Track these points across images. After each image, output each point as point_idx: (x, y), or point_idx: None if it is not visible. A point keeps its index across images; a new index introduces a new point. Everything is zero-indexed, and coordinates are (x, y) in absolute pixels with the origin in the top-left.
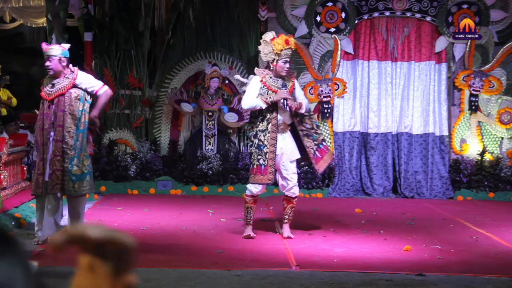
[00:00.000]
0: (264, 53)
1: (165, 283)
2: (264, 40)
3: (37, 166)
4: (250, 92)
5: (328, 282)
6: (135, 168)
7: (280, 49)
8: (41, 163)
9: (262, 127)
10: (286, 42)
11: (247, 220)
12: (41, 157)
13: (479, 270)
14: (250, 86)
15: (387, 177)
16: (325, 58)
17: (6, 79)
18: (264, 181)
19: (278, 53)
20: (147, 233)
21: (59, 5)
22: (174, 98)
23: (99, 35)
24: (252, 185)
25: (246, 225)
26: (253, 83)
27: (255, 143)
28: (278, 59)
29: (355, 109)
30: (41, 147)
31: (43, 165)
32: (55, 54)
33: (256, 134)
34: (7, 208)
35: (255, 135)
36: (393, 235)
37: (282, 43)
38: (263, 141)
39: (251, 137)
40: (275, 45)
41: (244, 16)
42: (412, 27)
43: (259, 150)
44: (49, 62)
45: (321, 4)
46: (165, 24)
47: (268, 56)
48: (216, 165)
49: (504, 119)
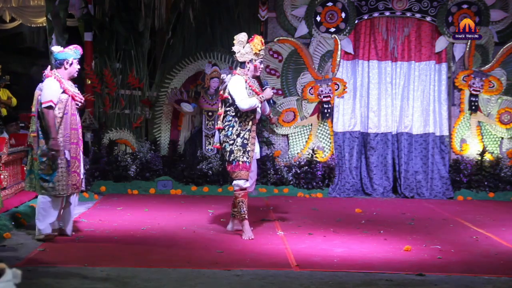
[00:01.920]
0: (241, 54)
1: (165, 283)
2: (239, 41)
3: (71, 165)
4: (242, 92)
5: (328, 282)
6: (135, 168)
7: (258, 49)
8: (77, 162)
9: (246, 126)
10: (262, 43)
11: (243, 215)
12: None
13: (479, 270)
14: (239, 87)
15: (387, 177)
16: (325, 58)
17: (6, 79)
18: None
19: (257, 53)
20: (147, 233)
21: (59, 5)
22: (174, 98)
23: (99, 35)
24: (240, 181)
25: (243, 220)
26: (241, 84)
27: (237, 142)
28: (256, 59)
29: (355, 109)
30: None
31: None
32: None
33: (239, 133)
34: (7, 208)
35: (238, 134)
36: (393, 235)
37: (259, 43)
38: (248, 139)
39: (232, 135)
40: (254, 45)
41: (244, 16)
42: (412, 27)
43: (243, 148)
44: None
45: (321, 4)
46: (165, 24)
47: (245, 56)
48: (216, 165)
49: (504, 119)
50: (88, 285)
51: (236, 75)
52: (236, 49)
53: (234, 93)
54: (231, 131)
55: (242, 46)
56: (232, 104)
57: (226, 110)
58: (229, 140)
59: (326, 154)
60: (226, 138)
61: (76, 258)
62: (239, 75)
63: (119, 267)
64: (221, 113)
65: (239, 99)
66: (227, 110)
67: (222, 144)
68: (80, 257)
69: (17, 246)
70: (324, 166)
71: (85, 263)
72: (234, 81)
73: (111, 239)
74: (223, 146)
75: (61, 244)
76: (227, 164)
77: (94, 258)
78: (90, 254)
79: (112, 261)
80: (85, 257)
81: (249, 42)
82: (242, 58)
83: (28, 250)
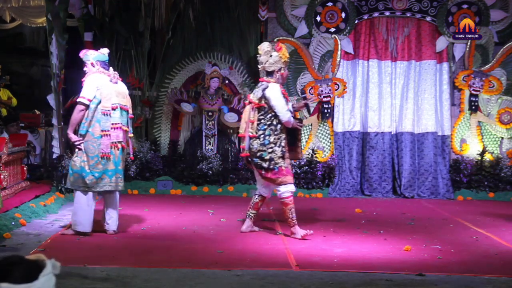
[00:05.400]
0: (269, 63)
1: (165, 283)
2: (266, 51)
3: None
4: (284, 103)
5: (328, 282)
6: (135, 168)
7: (287, 58)
8: None
9: (281, 134)
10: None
11: (295, 221)
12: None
13: (479, 270)
14: (281, 97)
15: (387, 177)
16: (325, 58)
17: (6, 79)
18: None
19: (286, 61)
20: (147, 233)
21: (59, 5)
22: (174, 98)
23: (99, 35)
24: (290, 185)
25: (295, 226)
26: (280, 93)
27: (276, 150)
28: (285, 68)
29: (355, 109)
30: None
31: None
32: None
33: (276, 142)
34: (7, 208)
35: (275, 143)
36: (393, 235)
37: (287, 52)
38: (284, 147)
39: (269, 144)
40: (284, 54)
41: (244, 16)
42: (412, 27)
43: (283, 155)
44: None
45: (321, 4)
46: (165, 24)
47: (274, 65)
48: (216, 165)
49: (504, 119)
50: (88, 285)
51: (272, 83)
52: (263, 59)
53: (277, 103)
54: (267, 139)
55: (269, 55)
56: (267, 113)
57: (260, 118)
58: (267, 149)
59: (326, 154)
60: (263, 147)
61: (76, 258)
62: (276, 83)
63: (119, 267)
64: (254, 121)
65: (284, 111)
66: (261, 118)
67: (255, 152)
68: (80, 257)
69: (17, 246)
70: (324, 166)
71: (85, 263)
72: (274, 91)
73: (111, 239)
74: (259, 155)
75: (61, 244)
76: (266, 172)
77: (94, 258)
78: (90, 254)
79: (112, 261)
80: (85, 257)
81: (276, 51)
82: (272, 68)
83: (28, 250)
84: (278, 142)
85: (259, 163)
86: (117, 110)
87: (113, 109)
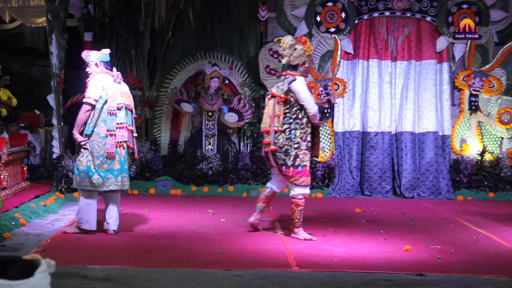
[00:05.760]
0: (294, 57)
1: (165, 283)
2: (290, 44)
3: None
4: (311, 96)
5: (328, 282)
6: (135, 168)
7: (311, 51)
8: None
9: (307, 129)
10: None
11: (300, 223)
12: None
13: (479, 270)
14: (307, 90)
15: (387, 177)
16: (325, 58)
17: (6, 79)
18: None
19: (310, 54)
20: (147, 233)
21: (59, 5)
22: (174, 98)
23: (99, 35)
24: (306, 188)
25: (300, 227)
26: (306, 86)
27: (302, 145)
28: (309, 61)
29: (355, 108)
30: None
31: None
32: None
33: (302, 136)
34: (7, 208)
35: (302, 137)
36: (393, 235)
37: (311, 46)
38: (309, 142)
39: (295, 138)
40: (309, 47)
41: (244, 16)
42: (412, 27)
43: (308, 152)
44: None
45: (321, 4)
46: (165, 24)
47: (299, 58)
48: (216, 165)
49: (504, 119)
50: (88, 285)
51: (299, 77)
52: (287, 53)
53: (305, 96)
54: (294, 133)
55: (294, 49)
56: (293, 106)
57: (285, 112)
58: (292, 144)
59: (326, 154)
60: (289, 141)
61: (76, 258)
62: (301, 76)
63: (119, 267)
64: (280, 115)
65: (312, 103)
66: (286, 112)
67: (281, 147)
68: (80, 257)
69: (17, 246)
70: (324, 166)
71: (85, 263)
72: (301, 84)
73: (111, 239)
74: (284, 150)
75: (61, 244)
76: (288, 168)
77: (94, 258)
78: (90, 254)
79: (112, 261)
80: (85, 257)
81: (301, 44)
82: (296, 61)
83: (28, 250)
84: (304, 136)
85: (282, 158)
86: (122, 110)
87: (119, 109)
